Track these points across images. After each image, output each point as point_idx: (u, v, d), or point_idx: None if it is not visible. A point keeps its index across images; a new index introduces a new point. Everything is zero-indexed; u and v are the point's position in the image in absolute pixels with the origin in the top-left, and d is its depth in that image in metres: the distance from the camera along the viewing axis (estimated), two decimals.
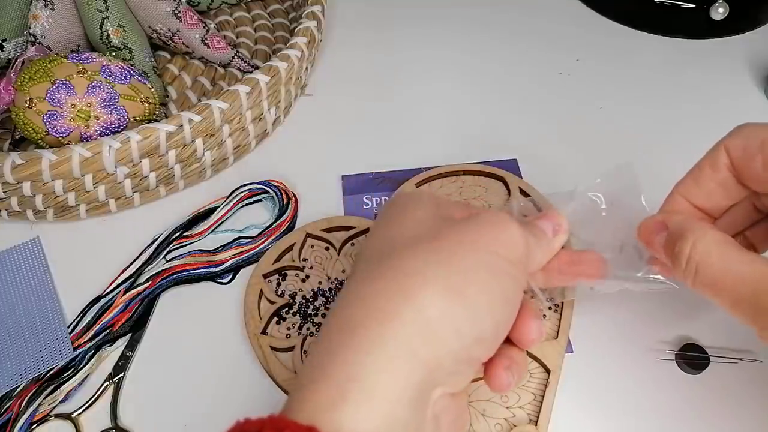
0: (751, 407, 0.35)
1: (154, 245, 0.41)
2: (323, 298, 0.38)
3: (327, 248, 0.41)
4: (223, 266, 0.40)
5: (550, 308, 0.38)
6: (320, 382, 0.22)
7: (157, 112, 0.46)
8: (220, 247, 0.41)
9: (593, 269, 0.30)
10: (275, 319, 0.38)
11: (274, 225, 0.42)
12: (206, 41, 0.51)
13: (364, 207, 0.44)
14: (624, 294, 0.39)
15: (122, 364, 0.37)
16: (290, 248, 0.41)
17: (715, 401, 0.35)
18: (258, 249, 0.41)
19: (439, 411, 0.24)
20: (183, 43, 0.51)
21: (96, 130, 0.43)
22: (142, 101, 0.44)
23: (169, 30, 0.50)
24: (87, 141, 0.41)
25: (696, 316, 0.38)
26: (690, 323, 0.38)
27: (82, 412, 0.35)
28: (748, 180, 0.29)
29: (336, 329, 0.24)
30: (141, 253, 0.41)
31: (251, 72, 0.45)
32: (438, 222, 0.27)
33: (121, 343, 0.38)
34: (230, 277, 0.41)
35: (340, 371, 0.22)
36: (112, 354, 0.37)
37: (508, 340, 0.28)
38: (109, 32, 0.47)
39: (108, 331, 0.38)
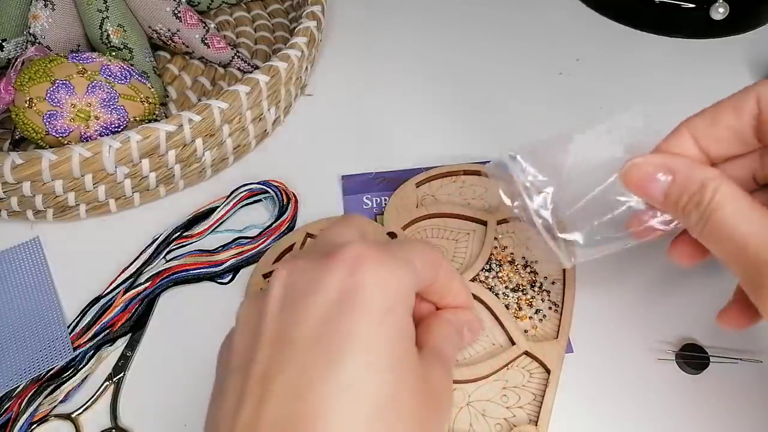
0: (751, 407, 0.35)
1: (154, 245, 0.41)
2: None
3: None
4: (223, 266, 0.40)
5: (550, 308, 0.38)
6: None
7: (157, 112, 0.46)
8: (220, 247, 0.41)
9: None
10: None
11: (274, 225, 0.42)
12: (206, 41, 0.51)
13: (364, 207, 0.44)
14: (624, 294, 0.39)
15: (122, 364, 0.37)
16: (290, 248, 0.41)
17: (715, 401, 0.35)
18: (258, 249, 0.41)
19: None
20: (183, 43, 0.51)
21: (96, 130, 0.43)
22: (142, 101, 0.44)
23: (169, 30, 0.50)
24: (87, 141, 0.41)
25: (696, 316, 0.38)
26: (690, 323, 0.38)
27: (82, 412, 0.35)
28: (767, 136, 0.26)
29: None
30: (141, 253, 0.41)
31: (251, 72, 0.45)
32: None
33: (121, 343, 0.38)
34: (230, 277, 0.40)
35: None
36: (112, 354, 0.37)
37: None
38: (109, 32, 0.47)
39: (108, 331, 0.38)
